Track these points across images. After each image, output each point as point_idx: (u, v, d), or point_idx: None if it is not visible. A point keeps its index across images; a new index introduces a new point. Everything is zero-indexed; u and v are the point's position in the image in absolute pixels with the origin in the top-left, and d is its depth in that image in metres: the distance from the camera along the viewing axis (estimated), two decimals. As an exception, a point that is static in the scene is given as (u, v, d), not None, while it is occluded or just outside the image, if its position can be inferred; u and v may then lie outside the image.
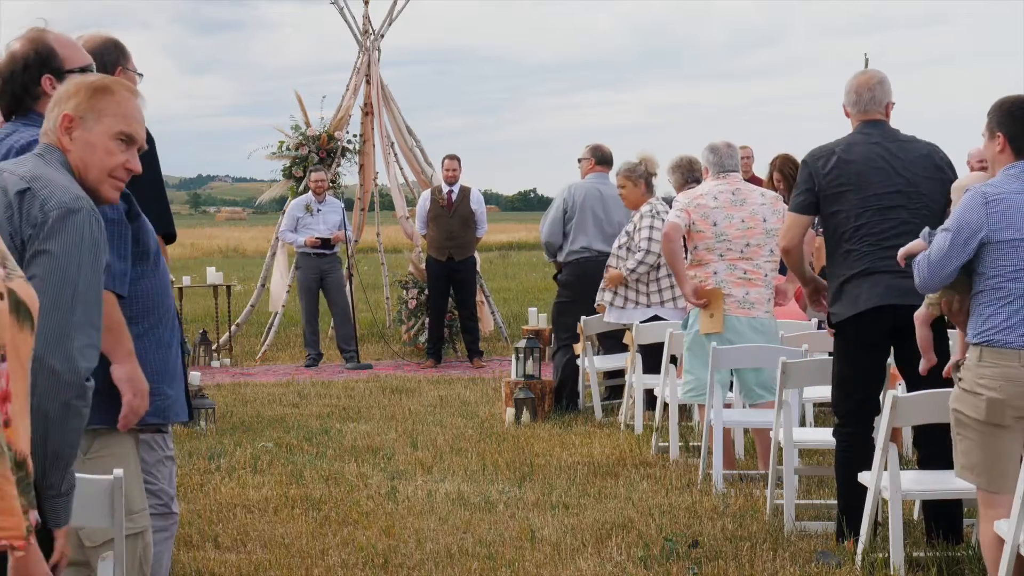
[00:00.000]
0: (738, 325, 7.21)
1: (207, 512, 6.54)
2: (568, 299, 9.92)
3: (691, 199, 7.33)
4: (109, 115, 3.08)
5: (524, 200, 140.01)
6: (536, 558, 5.62)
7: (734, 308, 7.22)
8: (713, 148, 7.45)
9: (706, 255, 7.26)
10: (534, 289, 23.26)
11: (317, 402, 10.52)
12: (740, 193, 7.32)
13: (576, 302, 9.75)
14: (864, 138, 5.64)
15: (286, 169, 14.38)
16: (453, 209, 12.66)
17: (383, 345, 13.94)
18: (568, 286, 9.98)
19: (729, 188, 7.33)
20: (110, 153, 3.08)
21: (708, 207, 7.25)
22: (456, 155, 12.84)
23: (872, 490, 5.25)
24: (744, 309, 7.22)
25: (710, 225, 7.23)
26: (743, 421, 7.29)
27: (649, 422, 8.65)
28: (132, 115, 3.10)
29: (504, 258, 35.20)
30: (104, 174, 3.08)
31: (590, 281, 9.42)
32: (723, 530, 6.00)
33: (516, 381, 9.47)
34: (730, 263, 7.23)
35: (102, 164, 3.08)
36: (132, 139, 3.10)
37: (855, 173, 5.56)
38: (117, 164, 3.08)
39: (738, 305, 7.22)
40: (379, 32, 14.64)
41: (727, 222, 7.23)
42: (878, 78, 5.72)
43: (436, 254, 12.68)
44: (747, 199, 7.31)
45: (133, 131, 3.10)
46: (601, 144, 10.26)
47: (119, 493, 3.09)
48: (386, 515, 6.47)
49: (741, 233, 7.24)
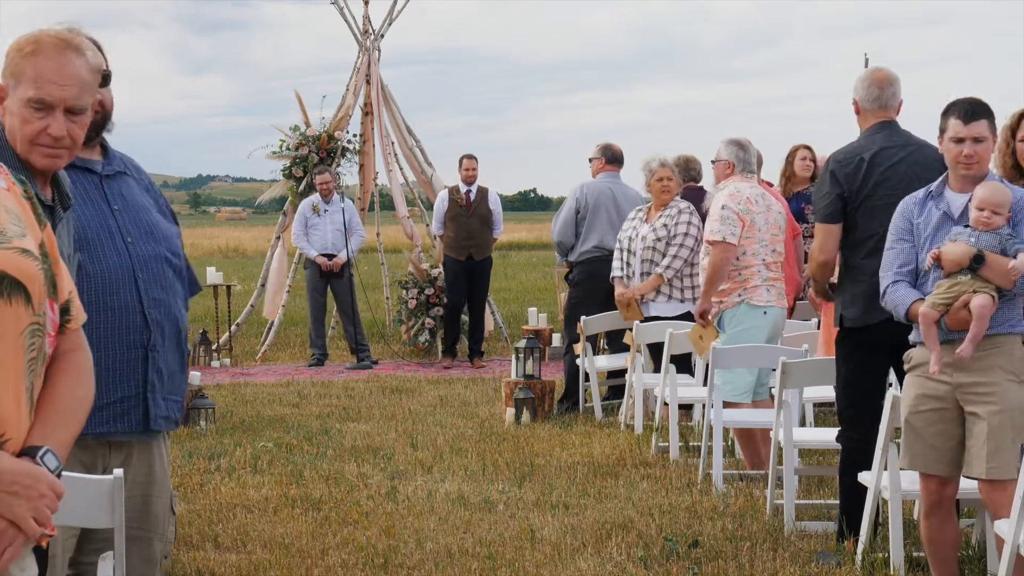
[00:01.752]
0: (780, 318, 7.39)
1: (207, 512, 6.54)
2: (580, 298, 9.92)
3: (741, 205, 7.21)
4: (25, 80, 2.83)
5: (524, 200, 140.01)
6: (536, 558, 5.62)
7: (776, 300, 7.33)
8: (741, 144, 7.39)
9: (752, 259, 7.26)
10: (534, 289, 23.26)
11: (317, 402, 10.52)
12: (766, 197, 7.40)
13: (588, 301, 9.76)
14: (884, 139, 5.61)
15: (286, 169, 14.37)
16: (472, 209, 12.70)
17: (383, 345, 13.94)
18: (580, 285, 9.98)
19: (759, 190, 7.38)
20: (26, 121, 2.85)
21: (755, 212, 7.26)
22: (474, 155, 12.89)
23: (872, 490, 5.25)
24: (782, 300, 7.39)
25: (757, 231, 7.27)
26: (743, 421, 7.29)
27: (649, 422, 8.66)
28: (47, 77, 2.78)
29: (504, 258, 35.18)
30: (27, 143, 2.87)
31: (602, 280, 9.43)
32: (723, 530, 6.00)
33: (516, 381, 9.47)
34: (766, 266, 7.29)
35: (23, 133, 2.86)
36: (45, 103, 2.81)
37: (885, 177, 5.53)
38: (35, 132, 2.84)
39: (779, 296, 7.35)
40: (379, 32, 14.64)
41: (765, 227, 7.29)
42: (894, 75, 5.71)
43: (455, 254, 12.71)
44: (771, 204, 7.36)
45: (45, 95, 2.79)
46: (611, 143, 10.27)
47: (119, 493, 3.09)
48: (386, 515, 6.47)
49: (771, 239, 7.30)
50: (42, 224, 2.39)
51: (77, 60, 2.79)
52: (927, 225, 4.74)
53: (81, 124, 2.81)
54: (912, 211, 4.81)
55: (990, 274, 4.54)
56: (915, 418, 4.70)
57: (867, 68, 5.83)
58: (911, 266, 4.76)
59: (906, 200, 4.89)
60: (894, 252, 4.81)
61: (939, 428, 4.66)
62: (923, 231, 4.75)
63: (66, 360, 2.38)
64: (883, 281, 4.81)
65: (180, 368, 3.56)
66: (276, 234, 14.49)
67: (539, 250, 40.30)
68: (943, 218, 4.73)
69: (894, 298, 4.75)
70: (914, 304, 4.67)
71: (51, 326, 2.35)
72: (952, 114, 4.72)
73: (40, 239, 2.35)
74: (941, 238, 4.69)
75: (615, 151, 10.17)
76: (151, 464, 3.61)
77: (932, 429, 4.66)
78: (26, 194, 2.40)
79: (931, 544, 4.82)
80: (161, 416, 3.52)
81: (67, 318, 2.40)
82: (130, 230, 3.38)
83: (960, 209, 4.72)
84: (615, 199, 9.89)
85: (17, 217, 2.31)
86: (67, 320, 2.40)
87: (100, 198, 3.37)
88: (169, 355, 3.49)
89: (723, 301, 7.27)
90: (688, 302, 8.93)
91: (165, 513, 3.67)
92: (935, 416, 4.67)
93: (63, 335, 2.40)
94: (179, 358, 3.55)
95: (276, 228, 14.63)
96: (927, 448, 4.68)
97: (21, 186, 2.41)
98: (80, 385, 2.39)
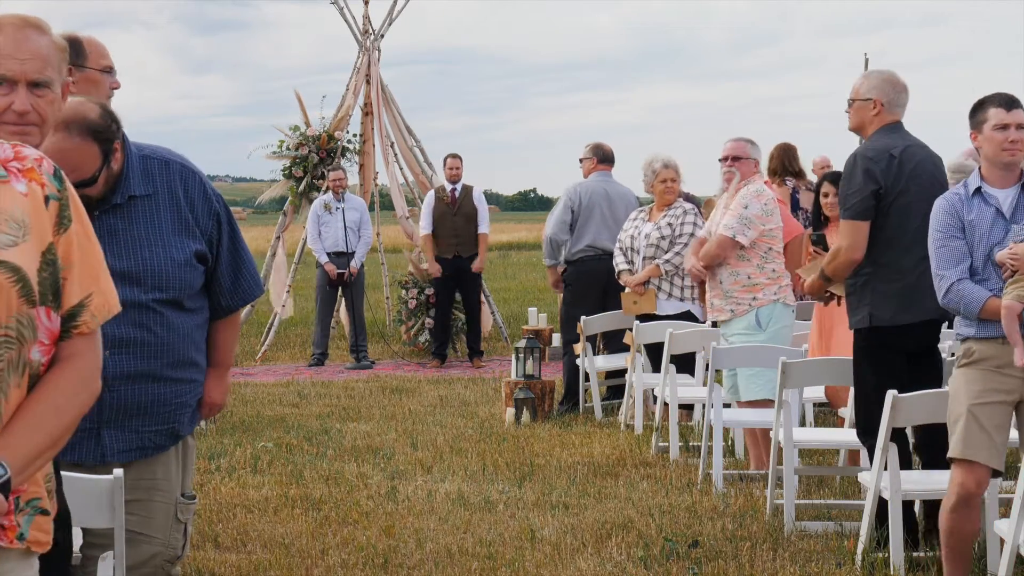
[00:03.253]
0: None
1: (207, 512, 6.54)
2: (574, 298, 9.92)
3: (768, 205, 7.32)
4: None
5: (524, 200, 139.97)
6: (536, 558, 5.62)
7: (789, 297, 7.42)
8: (755, 145, 7.50)
9: (778, 256, 7.39)
10: (534, 289, 23.25)
11: (317, 402, 10.52)
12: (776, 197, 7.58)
13: (582, 300, 9.76)
14: (903, 138, 5.63)
15: (286, 169, 14.37)
16: (457, 206, 12.76)
17: (383, 345, 13.94)
18: (573, 285, 9.99)
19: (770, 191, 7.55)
20: None
21: (778, 211, 7.46)
22: (458, 154, 13.02)
23: (872, 490, 5.25)
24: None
25: (780, 229, 7.42)
26: (743, 421, 7.29)
27: (649, 422, 8.66)
28: (6, 53, 2.72)
29: (504, 258, 35.17)
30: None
31: (596, 279, 9.45)
32: (723, 530, 6.00)
33: (516, 381, 9.47)
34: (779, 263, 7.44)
35: None
36: (6, 79, 2.73)
37: (917, 173, 5.53)
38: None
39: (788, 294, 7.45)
40: (379, 32, 14.64)
41: (782, 226, 7.49)
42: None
43: (443, 252, 12.75)
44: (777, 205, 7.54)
45: (5, 71, 2.73)
46: (602, 143, 10.29)
47: (119, 493, 3.09)
48: (386, 515, 6.47)
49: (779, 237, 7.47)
50: (63, 227, 2.37)
51: (38, 37, 2.74)
52: (981, 223, 4.74)
53: (48, 100, 2.74)
54: (960, 208, 4.78)
55: None
56: (980, 409, 4.65)
57: (885, 70, 5.81)
58: (968, 262, 4.74)
59: (948, 197, 4.86)
60: (949, 249, 4.77)
61: (1001, 421, 4.67)
62: (977, 229, 4.74)
63: (56, 368, 2.37)
64: (945, 279, 4.76)
65: (172, 391, 3.61)
66: (276, 234, 14.49)
67: (539, 250, 40.21)
68: (995, 215, 4.73)
69: (963, 295, 4.70)
70: (990, 300, 4.65)
71: (44, 335, 2.34)
72: (991, 105, 4.77)
73: (47, 245, 2.34)
74: (997, 235, 4.70)
75: (606, 150, 10.19)
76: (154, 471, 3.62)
77: (995, 421, 4.65)
78: (59, 194, 2.39)
79: (951, 537, 4.75)
80: (123, 451, 3.54)
81: (74, 323, 2.38)
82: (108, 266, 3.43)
83: (1011, 206, 4.73)
84: (609, 198, 9.91)
85: (18, 225, 2.31)
86: (74, 326, 2.38)
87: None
88: (142, 388, 3.54)
89: (756, 297, 7.30)
90: (688, 301, 8.96)
91: (168, 519, 3.68)
92: (1001, 409, 4.66)
93: (67, 340, 2.38)
94: (170, 382, 3.60)
95: (276, 228, 14.63)
96: (987, 439, 4.64)
97: (57, 184, 2.40)
98: (60, 393, 2.36)
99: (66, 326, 2.38)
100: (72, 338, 2.39)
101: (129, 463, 3.54)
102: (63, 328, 2.37)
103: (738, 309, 7.30)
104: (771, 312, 7.30)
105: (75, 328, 2.39)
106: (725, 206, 7.41)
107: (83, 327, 2.40)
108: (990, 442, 4.65)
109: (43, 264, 2.32)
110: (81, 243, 2.41)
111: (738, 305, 7.30)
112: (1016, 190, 4.76)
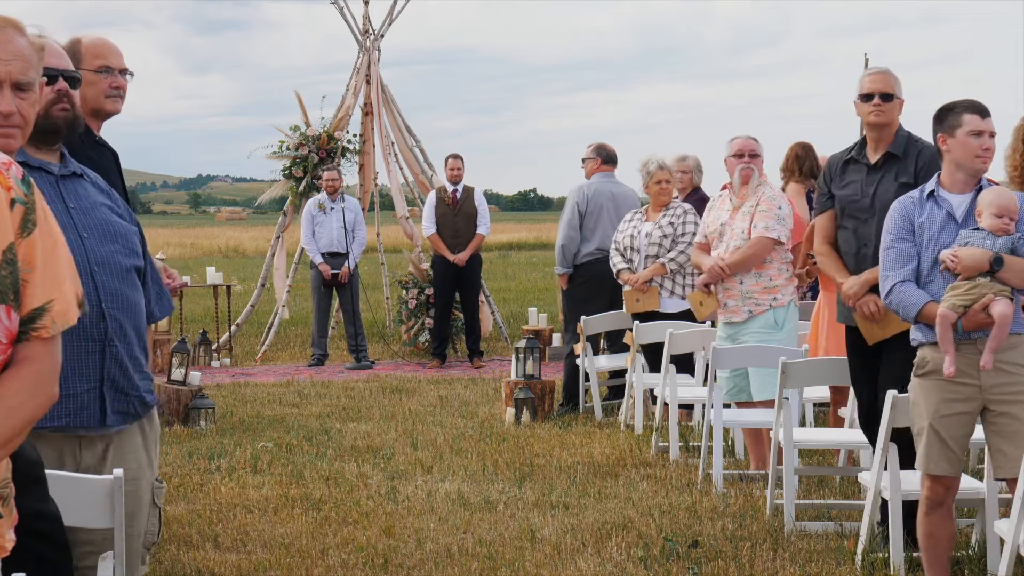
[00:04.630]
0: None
1: (207, 512, 6.54)
2: (584, 299, 9.91)
3: (788, 205, 7.41)
4: None
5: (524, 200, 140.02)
6: (536, 558, 5.62)
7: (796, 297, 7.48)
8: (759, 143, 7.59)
9: (789, 258, 7.45)
10: (534, 289, 23.26)
11: (317, 402, 10.52)
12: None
13: (592, 302, 9.76)
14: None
15: (286, 169, 14.38)
16: (458, 207, 12.76)
17: (383, 345, 13.95)
18: (583, 287, 9.98)
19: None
20: None
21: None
22: (459, 155, 13.02)
23: (872, 490, 5.25)
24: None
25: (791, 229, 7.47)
26: (743, 421, 7.28)
27: (649, 422, 8.66)
28: None
29: (504, 258, 35.18)
30: None
31: (607, 280, 9.46)
32: (723, 530, 6.00)
33: (516, 381, 9.47)
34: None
35: None
36: None
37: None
38: None
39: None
40: (379, 32, 14.65)
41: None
42: None
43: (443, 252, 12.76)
44: None
45: None
46: (605, 143, 10.27)
47: (119, 493, 3.09)
48: (386, 515, 6.47)
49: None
50: (26, 231, 2.36)
51: (18, 38, 2.72)
52: (931, 225, 4.74)
53: (30, 101, 2.74)
54: (912, 211, 4.80)
55: (1009, 276, 4.56)
56: (941, 423, 4.66)
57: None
58: (914, 265, 4.76)
59: (903, 200, 4.88)
60: (896, 251, 4.80)
61: (962, 431, 4.68)
62: (926, 231, 4.75)
63: (12, 370, 2.36)
64: (887, 280, 4.79)
65: (143, 360, 3.58)
66: (276, 234, 14.50)
67: (539, 250, 40.30)
68: (946, 219, 4.73)
69: (903, 297, 4.73)
70: (928, 305, 4.66)
71: (2, 334, 2.33)
72: (964, 111, 4.75)
73: (7, 245, 2.32)
74: (945, 239, 4.70)
75: (609, 151, 10.18)
76: (126, 459, 3.60)
77: (955, 433, 4.66)
78: (26, 199, 2.38)
79: (929, 540, 4.80)
80: (118, 411, 3.53)
81: (34, 327, 2.36)
82: (86, 226, 3.42)
83: (963, 211, 4.73)
84: (614, 199, 9.92)
85: None
86: (34, 329, 2.36)
87: (56, 196, 3.40)
88: (129, 348, 3.51)
89: (776, 298, 7.31)
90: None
91: (145, 505, 3.67)
92: (961, 420, 4.66)
93: (26, 343, 2.37)
94: (141, 350, 3.57)
95: (276, 228, 14.64)
96: (949, 452, 4.67)
97: (24, 189, 2.38)
98: (13, 395, 2.34)
99: (25, 328, 2.36)
100: (31, 341, 2.37)
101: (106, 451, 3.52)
102: (22, 330, 2.36)
103: (756, 309, 7.31)
104: (787, 312, 7.34)
105: (35, 331, 2.37)
106: (735, 207, 7.37)
107: (43, 331, 2.38)
108: (952, 455, 4.68)
109: (3, 263, 2.31)
110: (46, 248, 2.39)
111: (757, 306, 7.31)
112: (970, 197, 4.76)
